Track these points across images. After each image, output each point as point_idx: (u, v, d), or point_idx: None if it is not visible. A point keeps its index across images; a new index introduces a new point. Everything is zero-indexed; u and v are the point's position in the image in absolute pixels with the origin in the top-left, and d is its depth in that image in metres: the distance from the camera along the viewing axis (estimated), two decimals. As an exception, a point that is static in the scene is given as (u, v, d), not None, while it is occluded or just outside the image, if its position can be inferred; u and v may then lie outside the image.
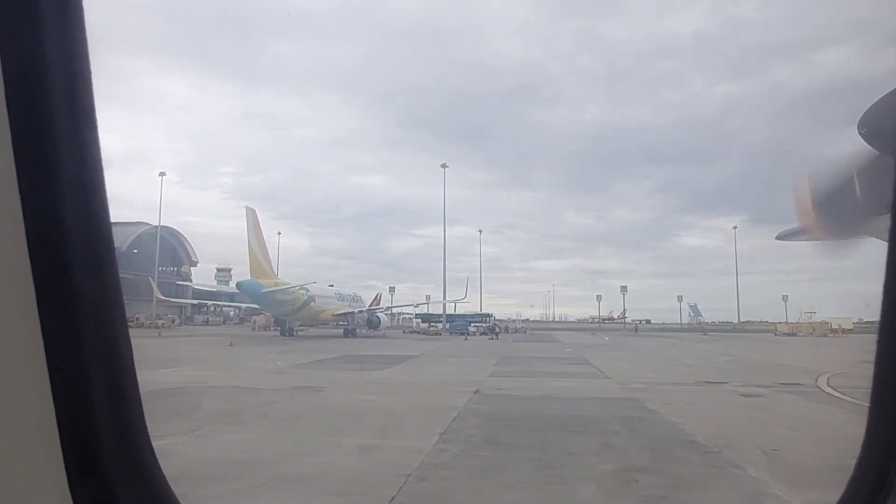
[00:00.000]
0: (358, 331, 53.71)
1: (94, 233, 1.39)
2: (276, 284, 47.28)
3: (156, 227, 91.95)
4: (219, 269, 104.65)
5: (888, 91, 4.09)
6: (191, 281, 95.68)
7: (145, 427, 1.55)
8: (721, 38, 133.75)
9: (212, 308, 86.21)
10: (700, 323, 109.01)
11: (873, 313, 1.48)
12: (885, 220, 1.48)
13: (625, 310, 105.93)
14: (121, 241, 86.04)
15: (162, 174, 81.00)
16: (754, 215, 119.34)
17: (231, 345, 37.01)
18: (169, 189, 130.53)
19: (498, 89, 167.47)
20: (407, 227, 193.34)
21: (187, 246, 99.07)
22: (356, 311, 55.17)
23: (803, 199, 5.43)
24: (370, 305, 65.82)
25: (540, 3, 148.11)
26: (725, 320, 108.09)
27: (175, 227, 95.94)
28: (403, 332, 67.33)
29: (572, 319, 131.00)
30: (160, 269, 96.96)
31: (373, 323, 55.41)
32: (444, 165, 74.34)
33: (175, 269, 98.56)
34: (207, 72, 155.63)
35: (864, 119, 4.42)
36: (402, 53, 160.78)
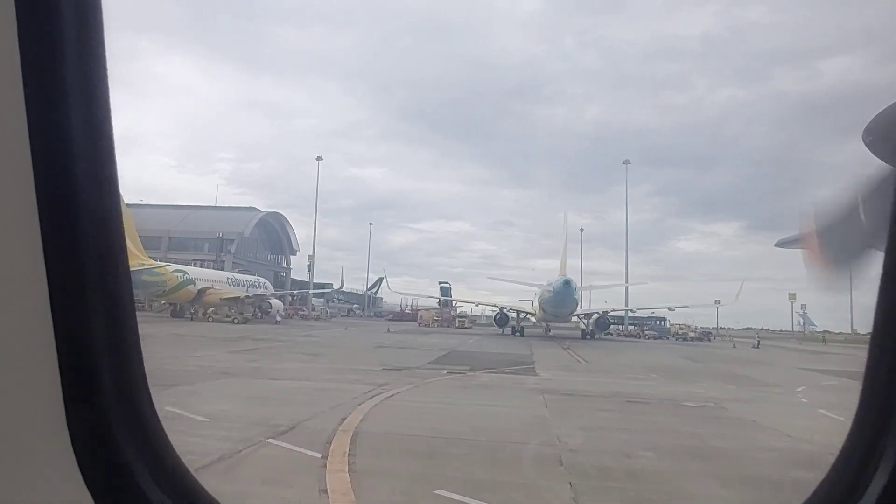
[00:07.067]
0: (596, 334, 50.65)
1: (103, 211, 1.45)
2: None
3: (266, 213, 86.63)
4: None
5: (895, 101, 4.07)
6: (290, 270, 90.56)
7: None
8: (727, 42, 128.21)
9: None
10: (812, 331, 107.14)
11: None
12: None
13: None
14: (241, 226, 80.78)
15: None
16: (753, 221, 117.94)
17: (567, 348, 33.77)
18: (165, 173, 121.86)
19: (499, 86, 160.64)
20: (404, 221, 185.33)
21: (290, 233, 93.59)
22: (595, 312, 52.07)
23: (811, 244, 5.07)
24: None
25: (545, 0, 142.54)
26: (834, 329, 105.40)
27: (283, 213, 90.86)
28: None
29: None
30: (268, 257, 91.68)
31: (602, 324, 52.32)
32: (626, 162, 72.28)
33: (279, 257, 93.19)
34: (208, 55, 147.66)
35: (869, 127, 4.34)
36: (405, 45, 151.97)
